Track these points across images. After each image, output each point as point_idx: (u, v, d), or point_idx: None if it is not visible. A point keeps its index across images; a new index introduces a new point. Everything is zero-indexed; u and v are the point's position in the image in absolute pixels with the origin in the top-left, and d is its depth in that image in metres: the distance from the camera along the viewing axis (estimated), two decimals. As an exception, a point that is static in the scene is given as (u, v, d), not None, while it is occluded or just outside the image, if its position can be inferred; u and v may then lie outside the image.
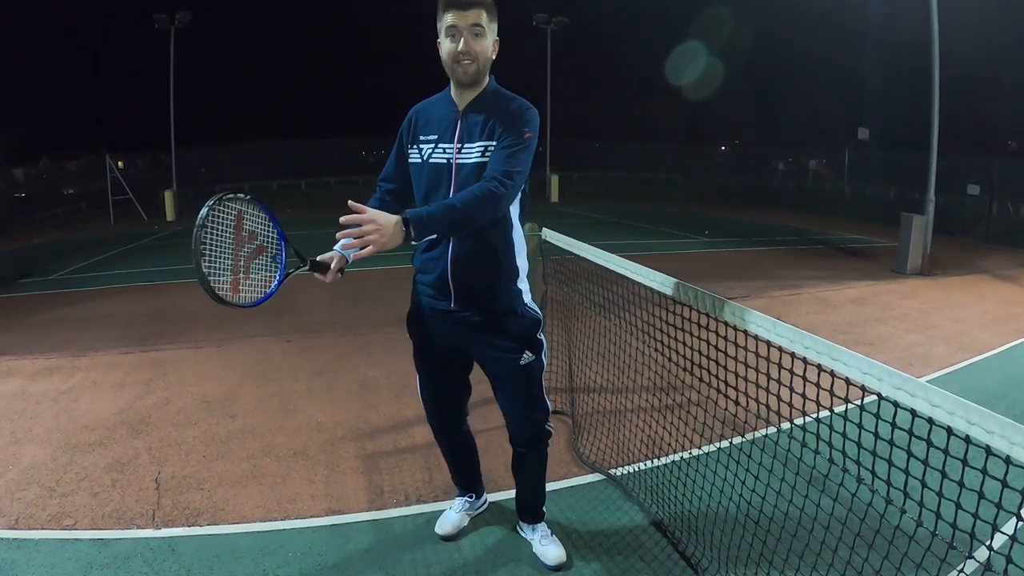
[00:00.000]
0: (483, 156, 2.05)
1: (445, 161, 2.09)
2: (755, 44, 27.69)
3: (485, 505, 2.84)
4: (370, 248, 1.73)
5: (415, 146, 2.17)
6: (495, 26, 2.07)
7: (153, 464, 3.34)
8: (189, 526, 2.75)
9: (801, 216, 17.00)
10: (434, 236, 1.93)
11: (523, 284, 2.28)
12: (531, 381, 2.30)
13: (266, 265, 1.96)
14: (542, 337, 2.33)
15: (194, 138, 21.81)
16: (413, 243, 1.87)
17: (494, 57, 2.10)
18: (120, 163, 19.49)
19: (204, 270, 1.77)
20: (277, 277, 1.97)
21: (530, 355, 2.26)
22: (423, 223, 1.82)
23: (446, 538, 2.65)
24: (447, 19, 1.99)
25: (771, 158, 22.68)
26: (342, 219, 1.75)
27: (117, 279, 9.19)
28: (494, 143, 2.04)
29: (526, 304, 2.28)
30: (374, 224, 1.73)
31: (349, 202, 1.77)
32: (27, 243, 13.88)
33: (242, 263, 1.89)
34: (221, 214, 1.84)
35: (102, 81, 28.70)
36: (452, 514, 2.71)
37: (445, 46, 2.03)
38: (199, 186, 21.59)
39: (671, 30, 29.37)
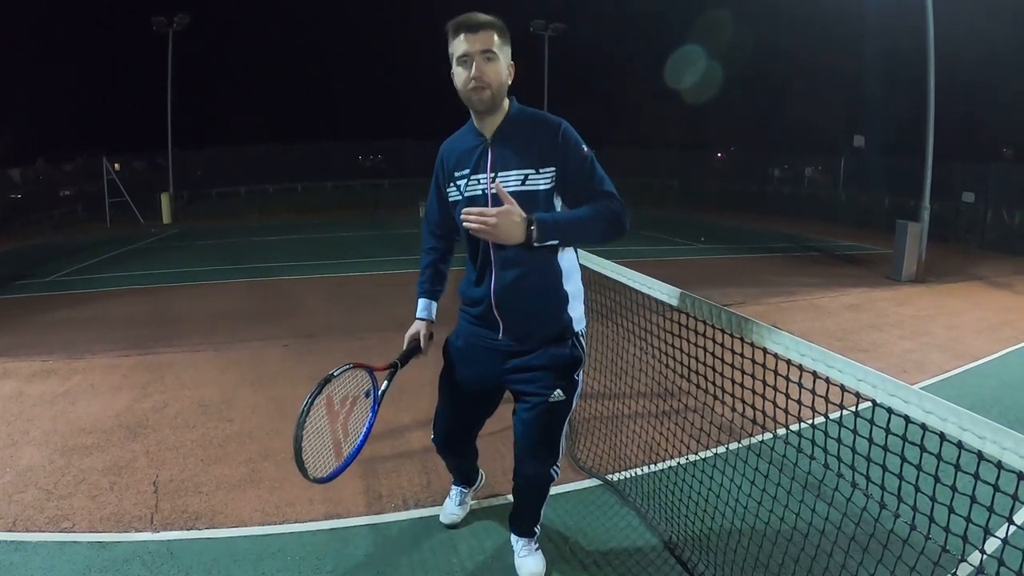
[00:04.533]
0: (523, 185, 1.97)
1: (481, 193, 2.03)
2: (752, 51, 27.90)
3: (482, 480, 2.97)
4: (486, 231, 1.82)
5: (452, 184, 2.10)
6: (508, 49, 1.98)
7: (151, 467, 3.34)
8: (187, 530, 2.76)
9: (797, 223, 17.05)
10: (556, 241, 1.93)
11: (575, 311, 2.18)
12: (552, 422, 2.17)
13: (361, 410, 2.07)
14: (579, 379, 2.20)
15: (191, 141, 21.85)
16: (535, 244, 1.87)
17: (510, 82, 2.00)
18: (117, 165, 19.43)
19: (303, 467, 1.83)
20: (372, 410, 2.08)
21: (560, 394, 2.13)
22: (546, 226, 1.87)
23: (451, 526, 2.76)
24: (458, 46, 1.91)
25: (767, 165, 22.73)
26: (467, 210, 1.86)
27: (114, 282, 9.15)
28: (532, 171, 1.97)
29: (577, 333, 2.17)
30: (500, 217, 1.82)
31: (498, 186, 1.89)
32: (23, 244, 13.82)
33: (340, 430, 1.99)
34: (311, 413, 1.89)
35: (100, 83, 28.73)
36: (453, 505, 2.80)
37: (458, 74, 1.94)
38: (196, 189, 21.62)
39: (668, 37, 29.57)
